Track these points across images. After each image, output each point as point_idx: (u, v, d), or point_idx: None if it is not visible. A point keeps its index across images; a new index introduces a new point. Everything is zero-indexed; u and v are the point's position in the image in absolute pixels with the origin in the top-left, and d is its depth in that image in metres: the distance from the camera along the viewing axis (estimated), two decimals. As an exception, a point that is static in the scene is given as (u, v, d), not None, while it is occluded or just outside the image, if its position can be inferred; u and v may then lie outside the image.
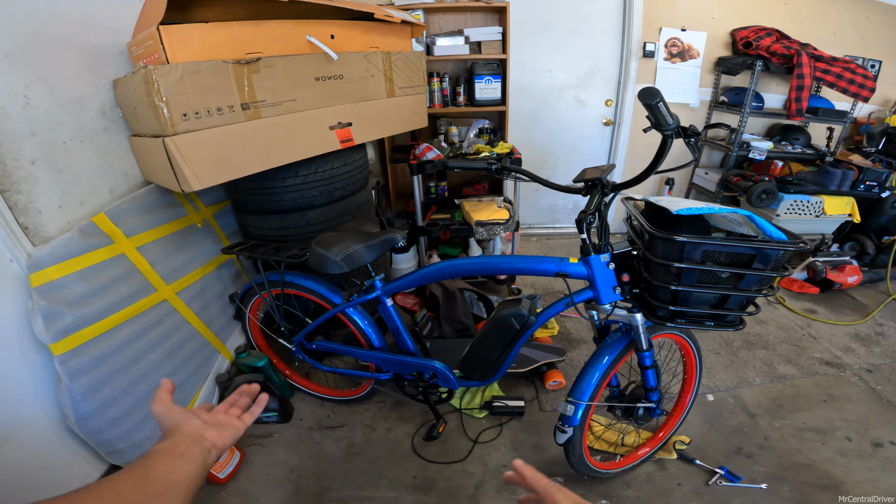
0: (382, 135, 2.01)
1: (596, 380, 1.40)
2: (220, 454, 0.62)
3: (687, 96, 3.33)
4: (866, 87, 2.76)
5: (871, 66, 3.35)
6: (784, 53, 2.80)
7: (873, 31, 3.31)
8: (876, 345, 2.49)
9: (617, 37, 3.20)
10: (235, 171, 1.41)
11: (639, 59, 3.19)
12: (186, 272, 1.68)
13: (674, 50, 3.21)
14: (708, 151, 3.58)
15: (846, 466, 1.70)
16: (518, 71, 3.18)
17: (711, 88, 3.34)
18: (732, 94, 3.18)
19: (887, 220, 3.13)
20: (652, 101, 1.01)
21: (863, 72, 2.76)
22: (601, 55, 3.26)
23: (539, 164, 3.49)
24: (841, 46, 3.26)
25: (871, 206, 3.09)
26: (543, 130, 3.43)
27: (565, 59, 3.23)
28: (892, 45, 3.37)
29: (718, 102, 3.30)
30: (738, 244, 1.16)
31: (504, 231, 2.40)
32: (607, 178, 1.30)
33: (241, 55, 1.35)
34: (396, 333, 1.64)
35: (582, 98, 3.37)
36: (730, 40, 3.21)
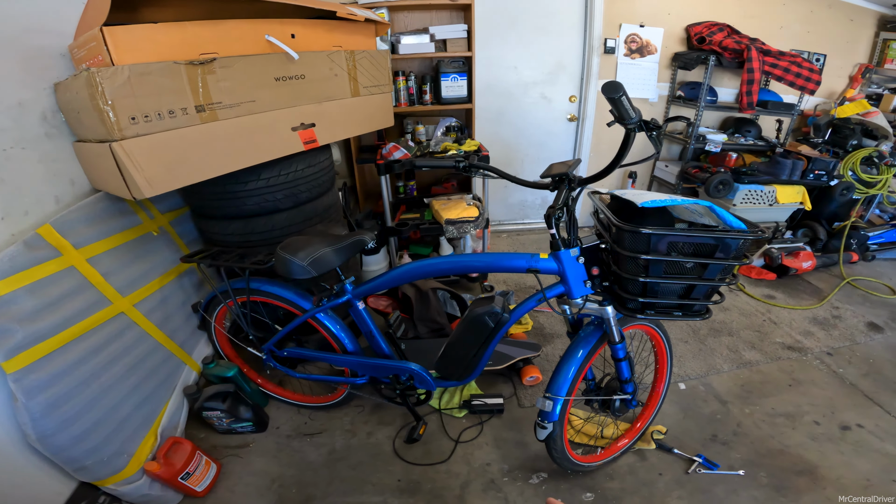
0: (348, 135, 1.97)
1: (572, 374, 1.42)
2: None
3: (646, 91, 3.42)
4: (812, 80, 2.91)
5: (816, 59, 3.53)
6: (735, 48, 2.91)
7: (818, 26, 3.48)
8: (834, 328, 2.62)
9: (580, 33, 3.26)
10: (192, 176, 1.35)
11: (600, 55, 3.26)
12: (144, 283, 1.60)
13: (633, 46, 3.29)
14: (667, 145, 3.69)
15: (818, 451, 1.77)
16: (484, 68, 3.18)
17: (669, 83, 3.44)
18: (688, 88, 3.29)
19: (837, 206, 3.31)
20: (615, 94, 1.02)
21: (808, 65, 2.91)
22: (565, 52, 3.30)
23: (507, 160, 3.51)
24: (788, 41, 3.42)
25: (821, 193, 3.26)
26: (511, 127, 3.46)
27: (531, 56, 3.26)
28: (836, 40, 3.57)
29: (675, 97, 3.41)
30: (702, 234, 1.19)
31: (474, 229, 2.40)
32: (573, 173, 1.32)
33: (195, 56, 1.29)
34: (370, 336, 1.62)
35: (547, 94, 3.41)
36: (685, 36, 3.31)
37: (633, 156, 1.21)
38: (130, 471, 1.40)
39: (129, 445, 1.43)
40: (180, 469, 1.47)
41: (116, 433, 1.38)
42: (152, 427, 1.55)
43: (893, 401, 2.06)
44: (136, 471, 1.42)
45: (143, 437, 1.49)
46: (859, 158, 3.13)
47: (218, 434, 1.80)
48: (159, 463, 1.44)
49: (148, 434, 1.52)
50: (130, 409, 1.46)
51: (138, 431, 1.48)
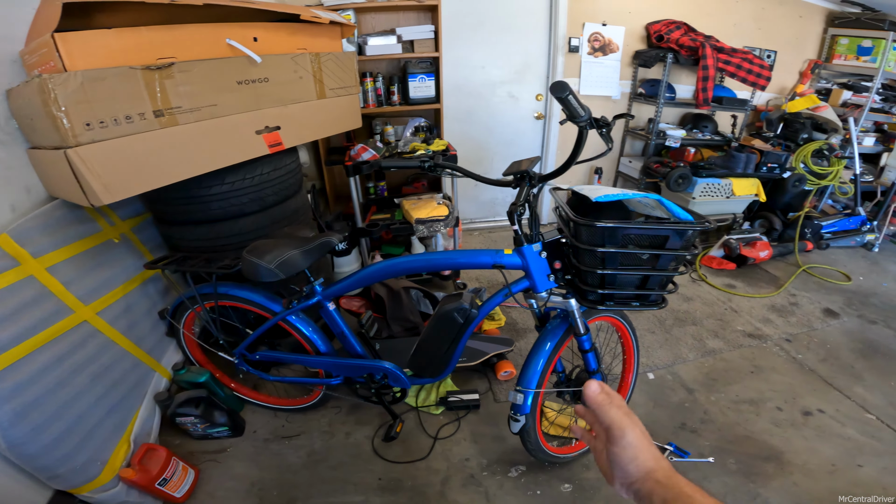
0: (315, 137, 1.97)
1: (541, 367, 1.45)
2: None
3: (609, 89, 3.51)
4: (763, 76, 3.04)
5: (767, 56, 3.69)
6: (691, 46, 3.02)
7: (769, 23, 3.63)
8: (791, 315, 2.73)
9: (545, 33, 3.32)
10: (152, 182, 1.33)
11: (565, 54, 3.33)
12: (106, 291, 1.57)
13: (596, 44, 3.37)
14: (631, 141, 3.81)
15: (783, 436, 1.84)
16: (452, 68, 3.22)
17: (631, 81, 3.54)
18: (648, 85, 3.40)
19: (791, 197, 3.47)
20: (562, 94, 1.05)
21: (759, 62, 3.04)
22: (531, 51, 3.36)
23: (477, 159, 3.56)
24: (741, 38, 3.56)
25: (775, 185, 3.42)
26: (480, 126, 3.50)
27: (498, 56, 3.31)
28: (786, 36, 3.73)
29: (637, 94, 3.52)
30: (652, 227, 1.24)
31: (444, 227, 2.44)
32: (534, 170, 1.35)
33: (152, 61, 1.28)
34: (342, 337, 1.63)
35: (515, 93, 3.47)
36: (645, 34, 3.41)
37: (594, 152, 1.26)
38: (105, 478, 1.39)
39: (102, 453, 1.42)
40: (157, 475, 1.46)
41: (87, 441, 1.37)
42: (124, 434, 1.54)
43: (852, 385, 2.15)
44: (112, 478, 1.41)
45: (115, 444, 1.48)
46: (810, 151, 3.30)
47: (194, 440, 1.78)
48: (134, 469, 1.44)
49: (120, 441, 1.50)
50: (100, 416, 1.45)
51: (110, 439, 1.47)
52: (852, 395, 2.10)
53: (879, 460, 1.74)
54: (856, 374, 2.25)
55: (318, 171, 3.09)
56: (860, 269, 3.37)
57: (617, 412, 0.55)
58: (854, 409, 2.01)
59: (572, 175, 3.79)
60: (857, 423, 1.94)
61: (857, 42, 3.57)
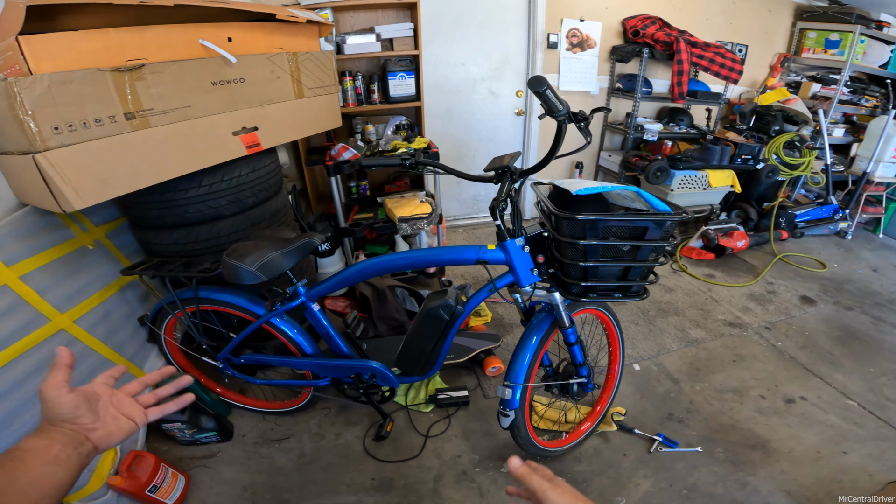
0: (294, 137, 1.95)
1: (527, 361, 1.46)
2: (98, 454, 0.55)
3: (587, 84, 3.55)
4: (735, 70, 3.12)
5: (739, 50, 3.78)
6: (665, 40, 3.07)
7: (739, 17, 3.71)
8: (770, 303, 2.80)
9: (523, 29, 3.34)
10: (125, 186, 1.31)
11: (544, 50, 3.35)
12: (83, 298, 1.54)
13: (574, 40, 3.40)
14: (610, 135, 3.85)
15: (767, 424, 1.88)
16: (432, 66, 3.21)
17: (608, 76, 3.59)
18: (626, 80, 3.45)
19: (765, 188, 3.57)
20: (540, 88, 1.05)
21: (731, 56, 3.11)
22: (510, 47, 3.38)
23: (459, 156, 3.57)
24: (713, 32, 3.64)
25: (750, 176, 3.50)
26: (461, 123, 3.51)
27: (477, 53, 3.32)
28: (756, 30, 3.82)
29: (615, 89, 3.56)
30: (631, 218, 1.26)
31: (428, 225, 2.44)
32: (514, 165, 1.36)
33: (122, 62, 1.25)
34: (327, 337, 1.62)
35: (495, 90, 3.48)
36: (622, 29, 3.46)
37: (574, 147, 1.28)
38: (94, 486, 1.38)
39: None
40: (146, 482, 1.45)
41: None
42: None
43: (831, 372, 2.21)
44: (101, 486, 1.40)
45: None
46: (782, 143, 3.39)
47: (182, 446, 1.76)
48: (123, 477, 1.42)
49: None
50: None
51: None
52: (833, 381, 2.15)
53: (863, 447, 1.79)
54: (835, 360, 2.31)
55: (299, 172, 3.06)
56: (834, 256, 3.48)
57: (539, 480, 0.62)
58: (835, 396, 2.06)
59: (554, 170, 3.82)
60: (839, 409, 1.98)
61: (824, 35, 3.67)
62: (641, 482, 1.65)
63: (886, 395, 2.07)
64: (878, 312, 2.75)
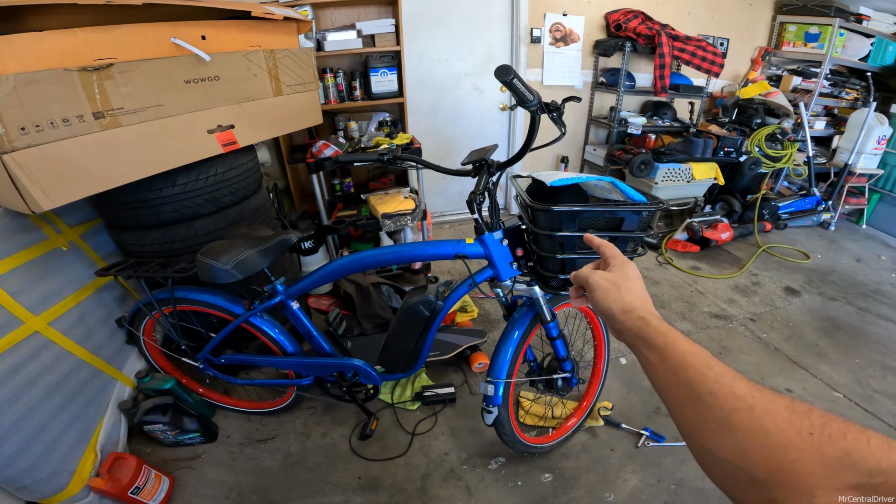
0: (272, 135, 1.94)
1: (509, 357, 1.45)
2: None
3: (572, 79, 3.56)
4: (716, 63, 3.14)
5: (720, 44, 3.80)
6: (647, 34, 3.09)
7: (721, 11, 3.74)
8: (754, 294, 2.83)
9: (507, 24, 3.33)
10: (95, 186, 1.29)
11: (527, 44, 3.36)
12: (57, 300, 1.52)
13: (557, 35, 3.40)
14: (595, 129, 3.87)
15: None
16: (415, 62, 3.20)
17: (592, 70, 3.60)
18: (609, 74, 3.46)
19: (748, 180, 3.60)
20: (507, 77, 1.04)
21: (713, 49, 3.13)
22: (494, 42, 3.37)
23: (444, 152, 3.56)
24: (695, 26, 3.66)
25: (733, 169, 3.54)
26: (445, 119, 3.50)
27: (461, 48, 3.31)
28: (738, 24, 3.84)
29: (598, 83, 3.58)
30: (607, 208, 1.24)
31: (412, 221, 2.43)
32: (491, 159, 1.35)
33: (89, 62, 1.24)
34: (308, 335, 1.62)
35: (479, 85, 3.48)
36: (605, 24, 3.46)
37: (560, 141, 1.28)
38: (75, 488, 1.38)
39: (68, 463, 1.40)
40: (128, 484, 1.44)
41: (51, 452, 1.36)
42: (90, 444, 1.51)
43: (817, 364, 2.22)
44: (82, 488, 1.40)
45: (81, 454, 1.46)
46: (764, 135, 3.42)
47: (165, 447, 1.75)
48: (104, 479, 1.42)
49: (86, 451, 1.48)
50: (62, 427, 1.43)
51: (75, 449, 1.45)
52: (818, 373, 2.16)
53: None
54: (820, 351, 2.32)
55: (281, 170, 3.05)
56: (818, 247, 3.52)
57: (614, 249, 0.59)
58: (821, 388, 2.07)
59: (540, 164, 3.83)
60: (826, 401, 1.99)
61: (804, 29, 3.71)
62: (630, 477, 1.65)
63: (873, 386, 2.09)
64: (862, 303, 2.78)
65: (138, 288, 1.96)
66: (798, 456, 0.33)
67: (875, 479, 0.30)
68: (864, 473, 0.31)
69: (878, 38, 3.70)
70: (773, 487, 0.33)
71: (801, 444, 0.34)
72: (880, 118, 3.60)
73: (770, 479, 0.34)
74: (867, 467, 0.31)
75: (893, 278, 3.11)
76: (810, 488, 0.32)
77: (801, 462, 0.33)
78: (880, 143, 3.64)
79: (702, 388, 0.40)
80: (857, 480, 0.31)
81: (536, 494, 1.60)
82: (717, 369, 0.41)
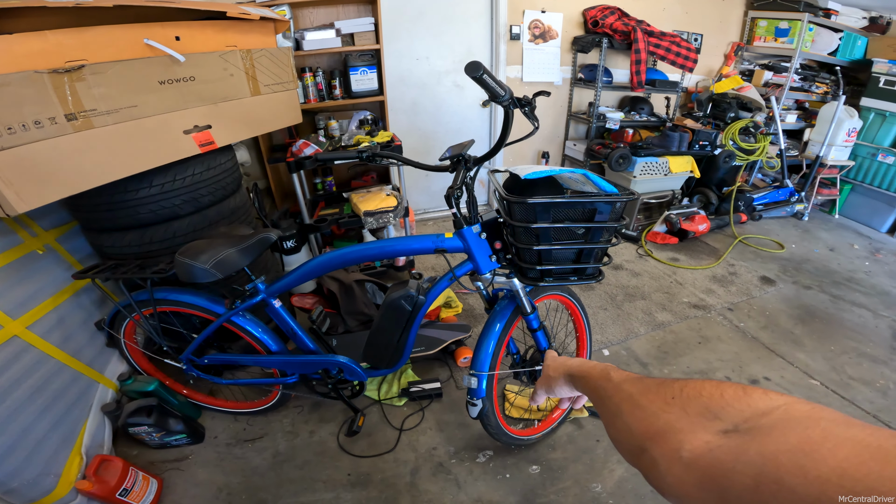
0: (251, 134, 1.94)
1: (491, 349, 1.47)
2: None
3: (551, 75, 3.60)
4: (690, 58, 3.20)
5: (694, 39, 3.87)
6: (623, 30, 3.13)
7: (694, 7, 3.80)
8: (731, 284, 2.89)
9: (486, 21, 3.35)
10: (69, 188, 1.29)
11: (507, 41, 3.38)
12: (35, 304, 1.51)
13: (536, 31, 3.44)
14: (574, 125, 3.92)
15: None
16: (395, 60, 3.21)
17: (571, 66, 3.64)
18: (587, 70, 3.51)
19: (723, 173, 3.69)
20: (476, 73, 1.04)
21: (687, 45, 3.20)
22: (473, 40, 3.39)
23: (426, 149, 3.57)
24: (670, 22, 3.72)
25: (708, 162, 3.61)
26: (427, 117, 3.51)
27: (441, 46, 3.32)
28: (711, 19, 3.92)
29: (577, 79, 3.62)
30: (579, 200, 1.25)
31: (394, 218, 2.45)
32: (468, 154, 1.36)
33: (61, 64, 1.23)
34: (291, 333, 1.62)
35: (459, 83, 3.49)
36: (582, 20, 3.50)
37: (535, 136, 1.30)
38: (62, 491, 1.39)
39: (53, 466, 1.41)
40: (115, 486, 1.45)
41: (35, 455, 1.36)
42: (74, 447, 1.52)
43: (793, 351, 2.28)
44: (69, 490, 1.41)
45: (66, 456, 1.47)
46: (737, 129, 3.50)
47: (152, 449, 1.75)
48: (91, 481, 1.42)
49: (72, 454, 1.49)
50: (45, 430, 1.43)
51: (59, 452, 1.45)
52: (795, 361, 2.22)
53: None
54: (796, 339, 2.38)
55: (262, 170, 3.03)
56: (792, 237, 3.62)
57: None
58: (798, 376, 2.13)
59: (521, 159, 3.87)
60: (803, 389, 2.04)
61: (774, 24, 3.80)
62: (615, 468, 1.68)
63: (849, 373, 2.15)
64: (836, 291, 2.86)
65: (117, 290, 1.95)
66: (666, 419, 0.40)
67: (745, 426, 0.34)
68: (730, 422, 0.35)
69: (847, 33, 3.81)
70: (652, 448, 0.39)
71: (667, 408, 0.40)
72: (850, 111, 3.71)
73: (649, 443, 0.40)
74: (731, 416, 0.35)
75: (866, 266, 3.20)
76: (679, 442, 0.36)
77: (669, 423, 0.39)
78: (850, 135, 3.75)
79: (604, 395, 0.52)
80: (725, 427, 0.35)
81: (525, 486, 1.63)
82: (615, 380, 0.52)
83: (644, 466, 0.40)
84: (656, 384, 0.44)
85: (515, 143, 1.33)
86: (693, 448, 0.35)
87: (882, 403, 2.00)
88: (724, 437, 0.34)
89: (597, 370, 0.58)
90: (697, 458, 0.34)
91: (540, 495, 1.60)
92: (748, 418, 0.34)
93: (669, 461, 0.36)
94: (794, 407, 0.33)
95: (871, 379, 2.13)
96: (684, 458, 0.35)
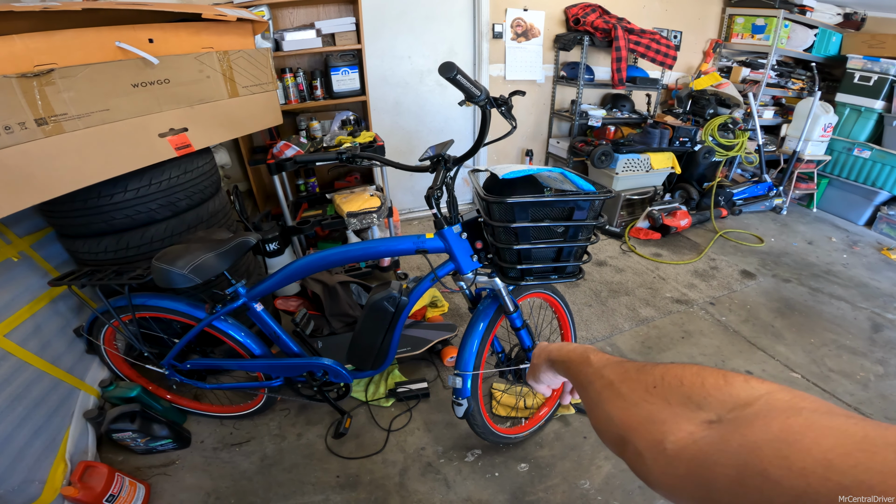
0: (229, 137, 1.92)
1: (475, 349, 1.48)
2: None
3: (533, 73, 3.61)
4: (670, 56, 3.24)
5: (674, 36, 3.92)
6: (604, 28, 3.16)
7: (674, 4, 3.85)
8: (713, 278, 2.93)
9: (469, 19, 3.35)
10: (41, 194, 1.27)
11: (489, 40, 3.38)
12: (10, 312, 1.49)
13: (518, 30, 3.45)
14: (557, 122, 3.94)
15: None
16: (377, 59, 3.19)
17: (553, 64, 3.66)
18: (569, 68, 3.53)
19: (703, 169, 3.74)
20: (450, 74, 1.04)
21: (666, 42, 3.23)
22: (456, 38, 3.39)
23: (409, 148, 3.57)
24: (650, 19, 3.76)
25: (689, 158, 3.66)
26: (410, 116, 3.51)
27: (423, 45, 3.31)
28: (690, 17, 3.97)
29: (560, 77, 3.64)
30: (557, 198, 1.27)
31: (378, 218, 2.44)
32: (447, 154, 1.36)
33: (29, 68, 1.21)
34: (275, 337, 1.61)
35: (442, 82, 3.48)
36: (564, 18, 3.52)
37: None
38: (48, 497, 1.39)
39: (38, 473, 1.41)
40: (101, 492, 1.43)
41: (18, 461, 1.36)
42: (58, 453, 1.51)
43: (774, 344, 2.31)
44: (55, 497, 1.40)
45: (50, 463, 1.46)
46: (716, 125, 3.56)
47: (138, 455, 1.73)
48: (76, 487, 1.41)
49: (56, 460, 1.48)
50: (27, 437, 1.43)
51: (43, 459, 1.45)
52: (776, 354, 2.25)
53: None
54: (776, 332, 2.42)
55: (243, 172, 3.00)
56: (771, 231, 3.69)
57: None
58: (780, 369, 2.16)
59: (504, 158, 3.89)
60: (785, 382, 2.01)
61: (751, 21, 3.86)
62: (603, 464, 1.70)
63: (829, 366, 2.19)
64: (814, 283, 2.92)
65: (95, 297, 1.92)
66: (648, 409, 0.38)
67: (728, 416, 0.33)
68: (713, 412, 0.34)
69: (822, 30, 3.89)
70: (635, 440, 0.38)
71: (648, 398, 0.39)
72: (825, 107, 3.79)
73: (631, 435, 0.38)
74: (713, 407, 0.34)
75: (844, 259, 3.27)
76: (663, 434, 0.35)
77: (651, 414, 0.38)
78: (826, 130, 3.83)
79: (585, 381, 0.50)
80: (708, 418, 0.34)
81: (514, 484, 1.64)
82: (595, 364, 0.50)
83: (630, 458, 0.39)
84: (636, 369, 0.43)
85: (494, 142, 1.34)
86: (677, 440, 0.34)
87: (863, 395, 2.03)
88: (707, 427, 0.33)
89: (576, 353, 0.56)
90: (682, 450, 0.33)
91: (529, 493, 1.61)
92: (731, 409, 0.33)
93: (655, 453, 0.35)
94: (776, 396, 0.32)
95: (851, 371, 2.17)
96: (668, 450, 0.34)
